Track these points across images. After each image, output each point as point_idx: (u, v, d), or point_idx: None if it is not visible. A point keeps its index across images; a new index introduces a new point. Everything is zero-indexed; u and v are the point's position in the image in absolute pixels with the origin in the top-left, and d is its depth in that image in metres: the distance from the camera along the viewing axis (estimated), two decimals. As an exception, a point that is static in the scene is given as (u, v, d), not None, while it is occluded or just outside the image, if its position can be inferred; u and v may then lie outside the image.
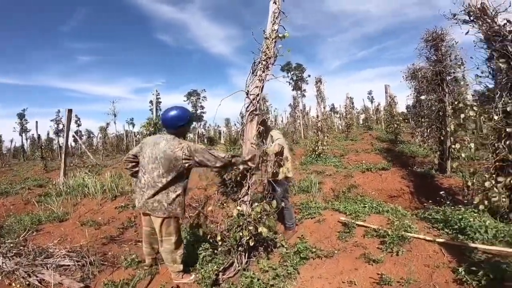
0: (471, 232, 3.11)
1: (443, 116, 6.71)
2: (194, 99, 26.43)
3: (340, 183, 6.28)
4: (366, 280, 2.58)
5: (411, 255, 2.82)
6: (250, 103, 3.01)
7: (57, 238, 4.08)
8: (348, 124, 15.98)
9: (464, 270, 2.44)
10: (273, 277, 2.64)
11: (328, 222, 3.64)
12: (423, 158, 8.60)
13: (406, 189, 5.91)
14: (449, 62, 6.39)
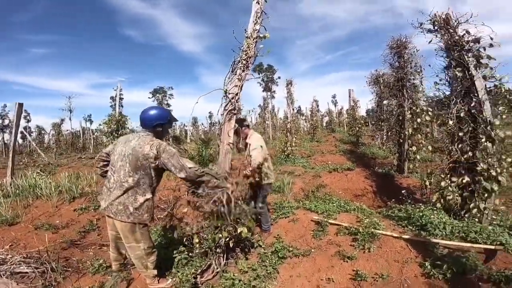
0: (431, 228, 3.36)
1: (402, 120, 7.22)
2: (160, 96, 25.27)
3: (309, 183, 6.47)
4: (343, 277, 2.68)
5: (381, 251, 2.97)
6: (229, 102, 2.97)
7: (8, 243, 3.68)
8: (314, 126, 16.52)
9: (430, 264, 2.62)
10: (254, 278, 2.62)
11: (302, 221, 3.71)
12: (383, 160, 9.19)
13: (370, 189, 6.26)
14: (409, 69, 6.92)
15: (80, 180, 6.56)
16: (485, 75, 3.85)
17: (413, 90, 7.06)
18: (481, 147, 3.77)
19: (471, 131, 3.92)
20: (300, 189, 6.09)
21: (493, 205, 3.77)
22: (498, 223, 3.66)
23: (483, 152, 3.77)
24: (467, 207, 3.85)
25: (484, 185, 3.70)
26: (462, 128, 3.97)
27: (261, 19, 2.99)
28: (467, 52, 3.82)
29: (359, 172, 7.02)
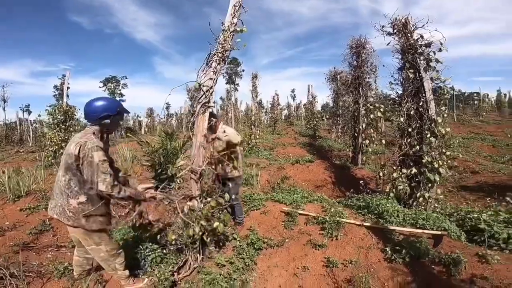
0: (387, 216, 3.72)
1: (357, 115, 7.81)
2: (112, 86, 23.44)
3: (274, 175, 6.67)
4: (317, 264, 2.87)
5: (347, 238, 3.24)
6: (203, 95, 2.93)
7: None
8: (275, 119, 16.85)
9: (390, 250, 2.92)
10: (234, 271, 2.68)
11: (272, 213, 3.84)
12: (338, 152, 9.81)
13: (329, 179, 6.68)
14: (366, 68, 7.49)
15: (23, 177, 5.88)
16: (432, 77, 4.34)
17: (367, 88, 7.65)
18: (426, 142, 4.24)
19: (418, 127, 4.37)
20: (267, 181, 6.25)
21: (435, 194, 4.28)
22: (440, 210, 4.17)
23: (428, 146, 4.26)
24: (415, 196, 4.32)
25: (428, 176, 4.18)
26: (411, 124, 4.40)
27: (239, 12, 2.97)
28: (419, 55, 4.23)
29: (319, 164, 7.42)
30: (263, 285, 2.73)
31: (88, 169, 2.20)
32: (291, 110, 29.64)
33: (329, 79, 12.21)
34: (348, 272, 2.77)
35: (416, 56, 4.26)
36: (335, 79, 11.98)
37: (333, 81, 12.12)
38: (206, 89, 2.90)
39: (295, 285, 2.74)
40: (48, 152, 8.99)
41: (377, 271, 2.76)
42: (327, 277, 2.78)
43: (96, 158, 2.20)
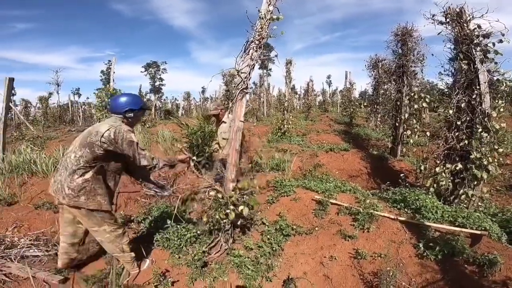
0: (425, 211, 3.53)
1: (399, 105, 7.43)
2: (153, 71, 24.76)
3: (307, 162, 6.61)
4: (344, 255, 2.86)
5: (379, 232, 3.16)
6: (242, 81, 3.01)
7: (11, 225, 3.59)
8: (309, 105, 16.53)
9: (423, 246, 2.81)
10: (261, 255, 2.76)
11: (303, 200, 3.84)
12: (376, 141, 9.39)
13: (364, 170, 6.47)
14: (412, 56, 7.07)
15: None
16: (489, 69, 3.95)
17: (412, 77, 7.23)
18: (477, 137, 3.93)
19: (468, 121, 4.07)
20: (298, 167, 6.22)
21: (480, 192, 4.00)
22: (483, 210, 3.90)
23: (478, 141, 3.94)
24: (457, 193, 4.07)
25: (475, 173, 3.89)
26: (461, 117, 4.11)
27: (275, 0, 2.95)
28: (475, 46, 3.88)
29: (355, 153, 7.19)
30: (288, 271, 2.79)
31: (130, 148, 2.39)
32: (326, 97, 28.77)
33: (370, 66, 11.68)
34: (375, 265, 2.73)
35: (471, 47, 3.90)
36: (376, 66, 11.44)
37: (374, 69, 11.58)
38: (244, 75, 2.98)
39: (320, 273, 2.76)
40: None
41: (406, 266, 2.69)
42: (354, 268, 2.76)
43: (134, 138, 2.43)
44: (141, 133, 8.96)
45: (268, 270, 2.76)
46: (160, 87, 25.47)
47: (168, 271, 2.74)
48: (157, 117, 20.69)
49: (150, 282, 2.58)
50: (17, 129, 13.24)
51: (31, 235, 3.30)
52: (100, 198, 2.41)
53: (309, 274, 2.74)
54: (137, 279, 2.69)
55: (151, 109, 3.49)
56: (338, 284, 2.64)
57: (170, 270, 2.74)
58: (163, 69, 25.24)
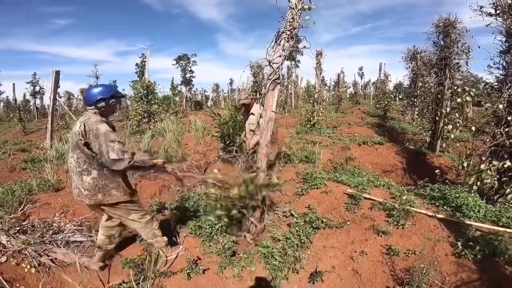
0: (466, 210, 3.32)
1: (440, 98, 7.04)
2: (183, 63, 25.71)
3: (338, 155, 6.45)
4: (376, 250, 2.76)
5: (415, 228, 3.01)
6: (273, 71, 2.98)
7: (58, 210, 3.77)
8: (340, 97, 16.06)
9: (462, 244, 2.65)
10: (288, 246, 2.76)
11: (334, 194, 3.76)
12: (413, 136, 8.91)
13: (399, 165, 6.18)
14: (455, 48, 6.71)
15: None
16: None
17: (455, 70, 6.86)
18: (530, 133, 3.60)
19: (521, 117, 3.75)
20: (329, 160, 6.09)
21: (528, 193, 3.68)
22: (531, 211, 3.57)
23: (531, 138, 3.61)
24: (503, 192, 3.80)
25: (526, 172, 3.59)
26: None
27: (307, -10, 2.87)
28: (530, 39, 3.54)
29: (389, 147, 6.89)
30: (316, 264, 2.76)
31: (96, 141, 2.24)
32: (357, 89, 27.78)
33: (407, 58, 11.20)
34: (408, 262, 2.61)
35: (525, 40, 3.55)
36: (414, 58, 10.97)
37: (412, 61, 11.12)
38: (276, 66, 2.94)
39: (349, 268, 2.70)
40: (132, 121, 10.45)
41: (441, 265, 2.54)
42: (385, 265, 2.66)
43: (102, 128, 2.25)
44: (174, 123, 9.25)
45: (295, 262, 2.75)
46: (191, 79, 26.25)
47: (200, 258, 2.83)
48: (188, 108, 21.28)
49: (183, 269, 2.69)
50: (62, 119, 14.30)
51: (75, 221, 3.47)
52: (114, 191, 2.42)
53: (337, 268, 2.69)
54: (171, 265, 2.81)
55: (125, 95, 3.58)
56: (367, 279, 2.57)
57: (201, 258, 2.83)
58: (193, 62, 26.11)
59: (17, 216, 3.39)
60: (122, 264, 2.77)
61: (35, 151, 6.83)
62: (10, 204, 3.79)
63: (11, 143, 9.29)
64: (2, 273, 2.59)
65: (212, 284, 2.59)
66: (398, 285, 2.42)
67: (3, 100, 28.61)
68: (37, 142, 8.49)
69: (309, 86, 20.68)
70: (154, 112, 10.57)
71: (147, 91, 10.45)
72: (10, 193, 4.11)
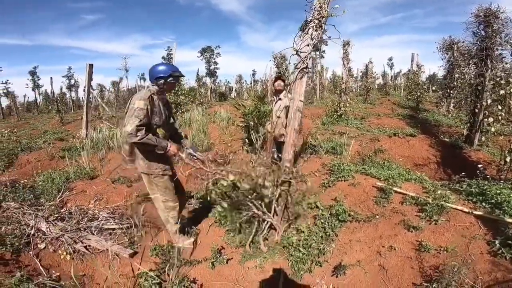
0: (507, 207, 3.07)
1: (481, 90, 6.63)
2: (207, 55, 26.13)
3: (366, 147, 6.22)
4: (405, 246, 2.63)
5: (449, 225, 2.83)
6: (301, 60, 2.96)
7: (93, 198, 3.92)
8: (368, 88, 15.49)
9: (499, 243, 2.46)
10: (312, 238, 2.71)
11: (362, 186, 3.62)
12: (448, 128, 8.38)
13: (433, 158, 5.84)
14: (498, 39, 6.33)
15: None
16: None
17: (498, 61, 6.44)
18: None
19: None
20: (356, 152, 5.89)
21: None
22: None
23: None
24: (549, 190, 3.46)
25: None
26: None
27: (333, -22, 2.75)
28: None
29: (423, 139, 6.51)
30: (340, 257, 2.68)
31: (128, 112, 2.46)
32: (387, 79, 26.68)
33: (442, 48, 10.66)
34: (439, 259, 2.46)
35: None
36: (451, 48, 10.43)
37: (448, 51, 10.59)
38: (304, 55, 2.91)
39: (376, 263, 2.59)
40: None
41: (475, 263, 2.37)
42: (414, 261, 2.53)
43: (136, 104, 2.44)
44: (200, 114, 9.39)
45: (319, 254, 2.70)
46: (215, 70, 26.60)
47: (224, 248, 2.86)
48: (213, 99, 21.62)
49: (208, 258, 2.73)
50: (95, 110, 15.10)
51: (108, 208, 3.60)
52: (141, 161, 2.64)
53: (363, 263, 2.59)
54: (196, 254, 2.87)
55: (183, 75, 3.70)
56: (393, 275, 2.46)
57: (225, 248, 2.86)
58: (217, 53, 26.23)
59: (56, 204, 3.55)
60: (151, 251, 2.87)
61: (72, 140, 7.22)
62: (50, 192, 4.02)
63: (50, 132, 9.92)
64: (41, 260, 2.74)
65: (235, 274, 2.61)
66: (426, 282, 2.28)
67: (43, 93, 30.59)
68: (74, 132, 8.98)
69: (335, 77, 20.11)
70: (180, 103, 10.77)
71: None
72: (50, 181, 4.37)
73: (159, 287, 2.51)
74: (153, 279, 2.49)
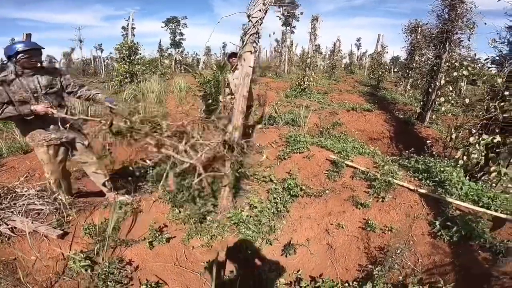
0: (449, 186, 3.17)
1: (436, 70, 6.92)
2: (173, 25, 25.03)
3: (325, 119, 6.25)
4: (353, 225, 2.63)
5: (395, 202, 2.87)
6: (252, 26, 2.75)
7: (23, 174, 3.53)
8: (333, 65, 15.57)
9: (440, 224, 2.53)
10: (264, 215, 2.59)
11: (316, 159, 3.56)
12: (403, 106, 8.78)
13: (387, 133, 6.03)
14: (460, 23, 6.53)
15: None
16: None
17: (456, 44, 6.73)
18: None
19: (518, 92, 3.64)
20: (315, 124, 5.88)
21: (514, 172, 3.59)
22: (512, 192, 3.48)
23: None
24: (487, 169, 3.70)
25: (514, 148, 3.48)
26: (510, 87, 3.70)
27: None
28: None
29: (378, 115, 6.69)
30: (290, 235, 2.63)
31: None
32: (353, 59, 27.25)
33: (407, 30, 10.94)
34: (384, 240, 2.49)
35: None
36: (415, 31, 10.73)
37: (412, 33, 10.92)
38: (255, 20, 2.71)
39: (324, 241, 2.57)
40: (115, 81, 10.07)
41: (416, 245, 2.43)
42: (360, 240, 2.54)
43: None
44: (159, 84, 8.79)
45: (269, 232, 2.61)
46: (180, 41, 25.52)
47: (166, 226, 2.65)
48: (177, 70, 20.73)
49: (146, 237, 2.52)
50: None
51: (37, 186, 3.22)
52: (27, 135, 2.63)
53: (312, 241, 2.56)
54: (134, 233, 2.63)
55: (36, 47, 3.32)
56: (340, 255, 2.46)
57: (168, 225, 2.65)
58: (184, 24, 25.32)
59: None
60: (83, 231, 2.58)
61: None
62: None
63: None
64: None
65: (177, 254, 2.44)
66: (371, 264, 2.30)
67: None
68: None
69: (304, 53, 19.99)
70: (136, 72, 10.35)
71: (130, 52, 10.37)
72: None
73: (90, 269, 2.27)
74: (81, 262, 2.23)
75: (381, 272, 2.14)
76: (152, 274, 2.30)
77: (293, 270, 2.38)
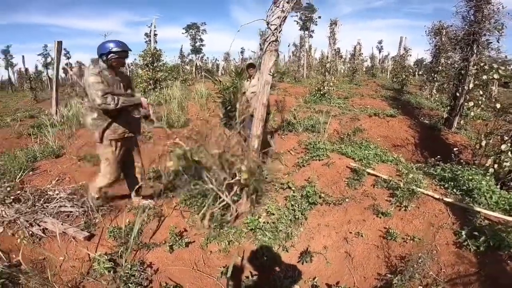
0: (477, 195, 3.01)
1: (464, 74, 6.60)
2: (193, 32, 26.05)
3: (346, 125, 6.11)
4: (373, 233, 2.55)
5: (418, 211, 2.76)
6: (271, 33, 2.80)
7: (55, 177, 3.72)
8: (354, 68, 15.29)
9: (466, 233, 2.40)
10: (281, 222, 2.58)
11: (336, 167, 3.51)
12: (429, 111, 8.40)
13: (411, 140, 5.82)
14: (487, 25, 6.22)
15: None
16: None
17: (484, 46, 6.38)
18: None
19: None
20: (335, 130, 5.78)
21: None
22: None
23: None
24: (521, 178, 3.44)
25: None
26: None
27: None
28: None
29: (402, 120, 6.46)
30: (307, 242, 2.59)
31: (88, 89, 2.57)
32: (374, 62, 26.70)
33: (431, 32, 10.50)
34: (405, 249, 2.39)
35: None
36: (439, 33, 10.30)
37: (436, 35, 10.48)
38: (274, 27, 2.77)
39: (342, 249, 2.51)
40: (139, 87, 10.47)
41: (440, 254, 2.31)
42: (380, 249, 2.46)
43: (90, 80, 2.55)
44: (180, 90, 9.04)
45: (286, 239, 2.59)
46: (200, 47, 26.20)
47: (186, 230, 2.70)
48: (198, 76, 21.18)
49: (167, 241, 2.58)
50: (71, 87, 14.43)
51: (68, 189, 3.39)
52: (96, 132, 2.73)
53: (329, 249, 2.51)
54: (155, 237, 2.70)
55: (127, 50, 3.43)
56: (358, 264, 2.39)
57: (188, 230, 2.70)
58: (203, 30, 26.10)
59: (15, 185, 3.30)
60: (108, 233, 2.69)
61: (42, 117, 6.84)
62: (12, 171, 3.73)
63: (22, 110, 9.44)
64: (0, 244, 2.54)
65: (195, 258, 2.48)
66: (391, 273, 2.22)
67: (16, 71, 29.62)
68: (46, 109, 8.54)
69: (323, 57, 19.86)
70: (159, 79, 10.57)
71: (153, 59, 10.60)
72: (13, 160, 4.08)
73: (113, 271, 2.35)
74: (105, 264, 2.32)
75: (400, 282, 2.07)
76: (171, 277, 2.34)
77: (309, 277, 2.35)
